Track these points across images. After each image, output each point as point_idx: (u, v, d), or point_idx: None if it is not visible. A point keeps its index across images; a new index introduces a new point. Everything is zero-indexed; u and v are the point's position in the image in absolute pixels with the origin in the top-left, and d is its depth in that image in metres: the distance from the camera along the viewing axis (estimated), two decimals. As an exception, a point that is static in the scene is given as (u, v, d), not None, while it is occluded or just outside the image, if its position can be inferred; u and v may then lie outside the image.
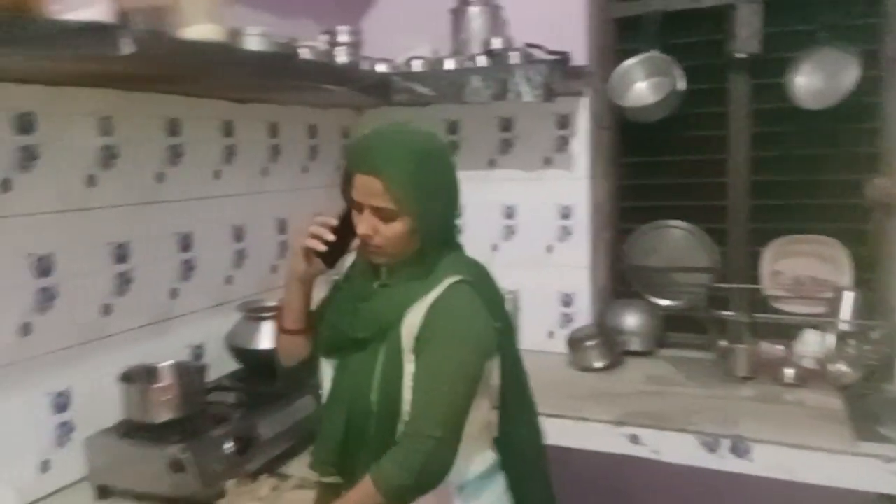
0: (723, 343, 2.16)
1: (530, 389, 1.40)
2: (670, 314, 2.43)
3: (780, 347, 2.19)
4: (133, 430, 1.54)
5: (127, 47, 1.19)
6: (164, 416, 1.52)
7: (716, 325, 2.17)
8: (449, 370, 1.19)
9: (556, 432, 1.89)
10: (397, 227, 1.20)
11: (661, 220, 2.46)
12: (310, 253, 1.28)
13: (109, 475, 1.54)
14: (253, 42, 1.60)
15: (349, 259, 1.37)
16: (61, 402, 1.59)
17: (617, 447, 1.83)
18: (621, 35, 2.44)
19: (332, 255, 1.28)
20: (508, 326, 1.35)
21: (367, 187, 1.19)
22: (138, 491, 1.50)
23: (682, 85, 2.27)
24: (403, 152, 1.20)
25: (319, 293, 1.41)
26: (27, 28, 1.06)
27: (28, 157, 1.48)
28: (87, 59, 1.19)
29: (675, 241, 2.44)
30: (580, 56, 2.25)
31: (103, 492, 1.54)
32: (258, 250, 2.15)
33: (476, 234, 2.51)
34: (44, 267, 1.53)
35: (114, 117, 1.67)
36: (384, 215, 1.19)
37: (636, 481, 1.85)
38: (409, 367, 1.21)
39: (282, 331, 1.40)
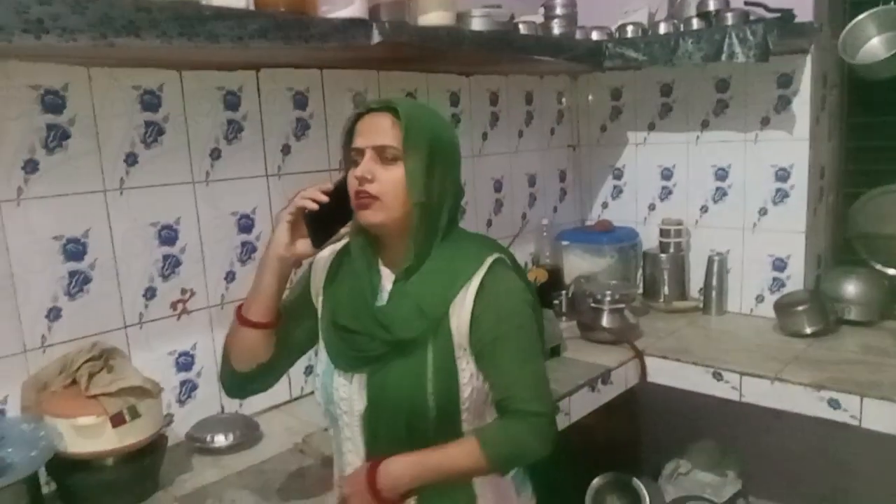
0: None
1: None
2: (898, 284, 2.29)
3: None
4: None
5: (377, 38, 1.49)
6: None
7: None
8: (528, 347, 1.17)
9: (752, 392, 1.94)
10: (398, 174, 1.11)
11: (894, 185, 2.29)
12: (296, 224, 1.16)
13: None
14: (477, 23, 1.83)
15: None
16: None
17: (814, 410, 1.83)
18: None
19: (320, 232, 1.17)
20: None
21: (374, 125, 1.12)
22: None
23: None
24: (418, 102, 1.24)
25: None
26: (310, 27, 1.39)
27: (302, 127, 1.87)
28: (348, 47, 1.50)
29: (910, 207, 2.27)
30: (806, 12, 2.17)
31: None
32: (474, 206, 2.41)
33: (685, 197, 2.57)
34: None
35: (366, 92, 2.00)
36: (386, 157, 1.11)
37: (841, 448, 1.84)
38: (463, 363, 1.14)
39: (243, 323, 1.20)
